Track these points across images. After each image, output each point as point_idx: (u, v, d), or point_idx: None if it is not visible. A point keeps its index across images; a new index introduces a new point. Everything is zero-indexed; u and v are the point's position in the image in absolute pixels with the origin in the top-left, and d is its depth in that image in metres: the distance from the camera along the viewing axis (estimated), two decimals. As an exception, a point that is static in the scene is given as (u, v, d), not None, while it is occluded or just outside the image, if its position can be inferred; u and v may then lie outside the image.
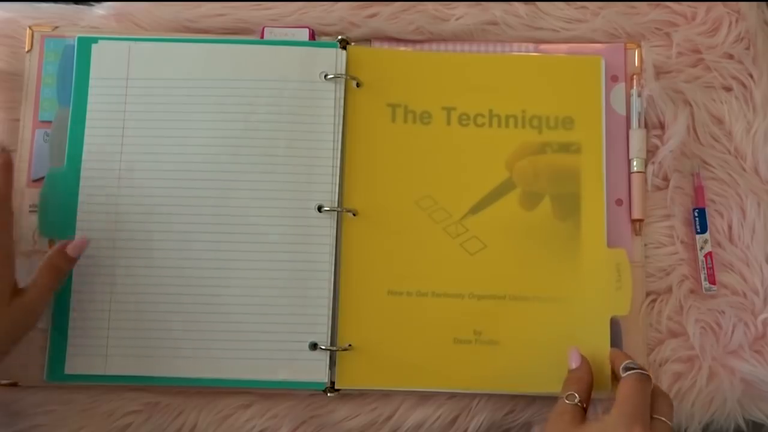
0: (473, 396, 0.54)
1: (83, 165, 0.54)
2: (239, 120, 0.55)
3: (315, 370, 0.53)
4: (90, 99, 0.55)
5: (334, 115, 0.55)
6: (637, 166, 0.56)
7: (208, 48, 0.56)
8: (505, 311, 0.54)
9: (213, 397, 0.54)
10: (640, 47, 0.58)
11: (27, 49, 0.57)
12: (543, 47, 0.58)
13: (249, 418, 0.53)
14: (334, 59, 0.55)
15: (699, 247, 0.55)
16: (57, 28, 0.57)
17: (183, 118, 0.55)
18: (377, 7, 0.58)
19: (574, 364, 0.51)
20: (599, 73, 0.57)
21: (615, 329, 0.54)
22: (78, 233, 0.53)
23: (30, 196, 0.55)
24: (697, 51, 0.58)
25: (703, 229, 0.55)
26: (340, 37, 0.56)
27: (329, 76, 0.55)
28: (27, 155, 0.55)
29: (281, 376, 0.52)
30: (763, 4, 0.59)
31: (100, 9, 0.58)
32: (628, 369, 0.47)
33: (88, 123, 0.55)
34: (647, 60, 0.57)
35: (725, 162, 0.57)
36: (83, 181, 0.54)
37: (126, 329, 0.53)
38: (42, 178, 0.55)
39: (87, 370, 0.52)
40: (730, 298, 0.55)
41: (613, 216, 0.55)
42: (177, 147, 0.54)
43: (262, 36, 0.57)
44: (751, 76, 0.57)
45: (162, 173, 0.54)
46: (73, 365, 0.52)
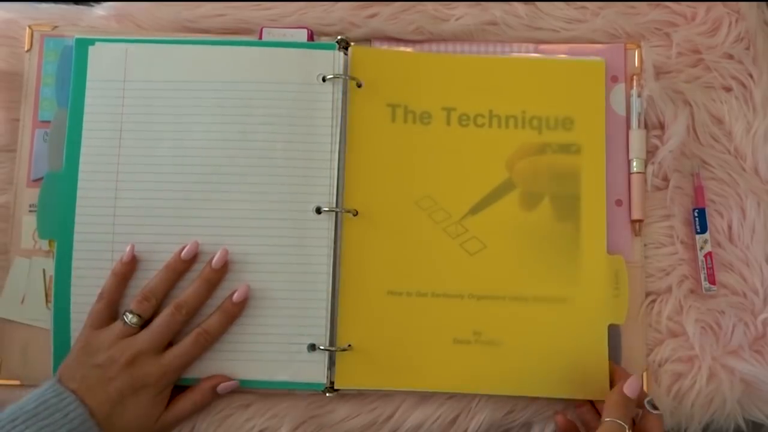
0: (473, 396, 0.54)
1: (81, 167, 0.54)
2: (237, 122, 0.55)
3: (313, 371, 0.53)
4: (87, 101, 0.55)
5: (332, 117, 0.55)
6: (637, 166, 0.56)
7: (205, 50, 0.56)
8: (505, 312, 0.54)
9: (213, 397, 0.54)
10: (640, 47, 0.58)
11: (26, 49, 0.57)
12: (543, 47, 0.58)
13: (249, 417, 0.53)
14: (332, 61, 0.55)
15: (699, 247, 0.55)
16: (56, 27, 0.57)
17: (180, 120, 0.55)
18: (377, 7, 0.58)
19: (632, 393, 0.48)
20: (600, 75, 0.57)
21: (614, 330, 0.54)
22: (76, 234, 0.53)
23: (30, 196, 0.55)
24: (697, 51, 0.58)
25: (703, 229, 0.55)
26: (339, 38, 0.56)
27: (327, 77, 0.55)
28: (27, 155, 0.56)
29: (280, 377, 0.53)
30: (763, 4, 0.59)
31: (100, 9, 0.58)
32: (653, 407, 0.49)
33: (85, 125, 0.55)
34: (647, 60, 0.57)
35: (725, 162, 0.57)
36: (81, 183, 0.54)
37: (126, 329, 0.53)
38: (42, 178, 0.55)
39: (88, 370, 0.52)
40: (730, 298, 0.55)
41: (613, 216, 0.55)
42: (174, 149, 0.54)
43: (260, 36, 0.57)
44: (751, 76, 0.57)
45: (159, 175, 0.54)
46: (75, 365, 0.52)
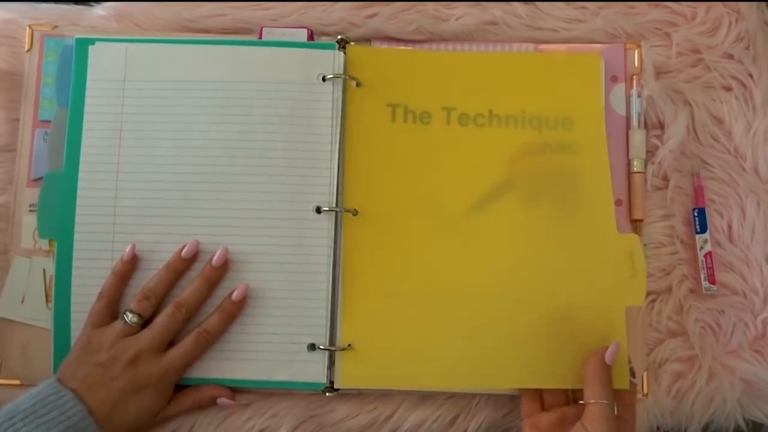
0: (473, 396, 0.54)
1: (81, 166, 0.54)
2: (236, 122, 0.55)
3: (313, 370, 0.53)
4: (87, 101, 0.55)
5: (332, 117, 0.55)
6: (637, 166, 0.56)
7: (205, 50, 0.56)
8: (506, 311, 0.53)
9: (213, 397, 0.54)
10: (640, 47, 0.58)
11: (27, 49, 0.57)
12: (543, 47, 0.58)
13: (249, 417, 0.53)
14: (331, 61, 0.55)
15: (699, 247, 0.55)
16: (56, 27, 0.57)
17: (180, 120, 0.55)
18: (377, 7, 0.58)
19: (610, 359, 0.50)
20: (599, 73, 0.57)
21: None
22: (77, 234, 0.53)
23: (30, 195, 0.55)
24: (697, 51, 0.58)
25: (703, 229, 0.55)
26: (339, 38, 0.56)
27: (327, 77, 0.55)
28: (27, 155, 0.56)
29: (280, 376, 0.53)
30: (763, 4, 0.59)
31: (100, 9, 0.58)
32: (632, 374, 0.51)
33: (85, 125, 0.55)
34: (647, 60, 0.57)
35: (725, 162, 0.57)
36: (81, 183, 0.54)
37: (126, 329, 0.53)
38: (42, 177, 0.55)
39: (88, 369, 0.52)
40: (730, 298, 0.55)
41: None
42: (174, 149, 0.54)
43: (260, 36, 0.57)
44: (751, 76, 0.57)
45: (160, 174, 0.54)
46: (75, 365, 0.52)
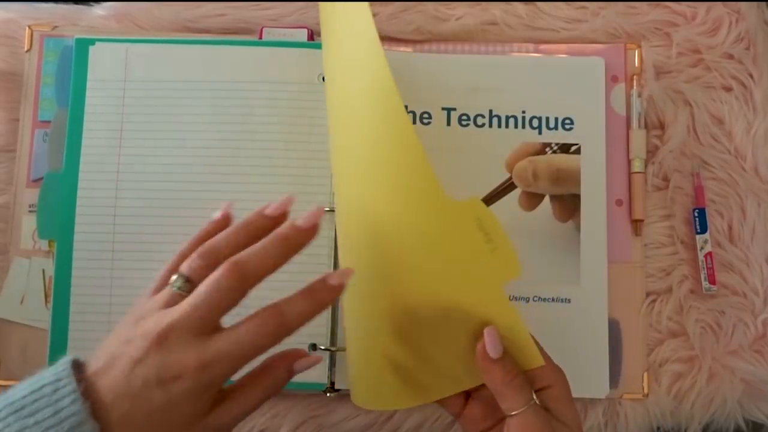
0: (473, 396, 0.54)
1: (81, 167, 0.54)
2: (237, 122, 0.55)
3: (314, 371, 0.52)
4: (88, 101, 0.55)
5: (332, 116, 0.55)
6: (637, 166, 0.55)
7: (205, 50, 0.56)
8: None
9: (213, 398, 0.53)
10: (640, 47, 0.58)
11: (26, 49, 0.57)
12: (543, 47, 0.58)
13: (249, 417, 0.53)
14: (332, 60, 0.55)
15: (699, 247, 0.55)
16: (56, 27, 0.57)
17: (181, 120, 0.55)
18: (377, 7, 0.58)
19: (497, 352, 0.39)
20: (600, 75, 0.57)
21: (614, 330, 0.54)
22: (77, 235, 0.53)
23: (29, 196, 0.55)
24: (697, 51, 0.58)
25: (703, 229, 0.55)
26: (339, 38, 0.57)
27: (328, 77, 0.55)
28: (27, 155, 0.56)
29: (281, 376, 0.52)
30: (763, 4, 0.59)
31: (100, 9, 0.58)
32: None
33: (86, 125, 0.55)
34: (647, 60, 0.57)
35: (725, 162, 0.57)
36: (82, 183, 0.54)
37: (126, 330, 0.52)
38: (41, 178, 0.55)
39: (87, 370, 0.52)
40: (730, 298, 0.55)
41: (613, 216, 0.55)
42: (175, 149, 0.54)
43: (260, 36, 0.57)
44: (751, 76, 0.57)
45: (160, 175, 0.54)
46: (73, 365, 0.52)
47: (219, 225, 0.39)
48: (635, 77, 0.57)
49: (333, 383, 0.53)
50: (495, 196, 0.55)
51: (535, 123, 0.56)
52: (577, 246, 0.54)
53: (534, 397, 0.39)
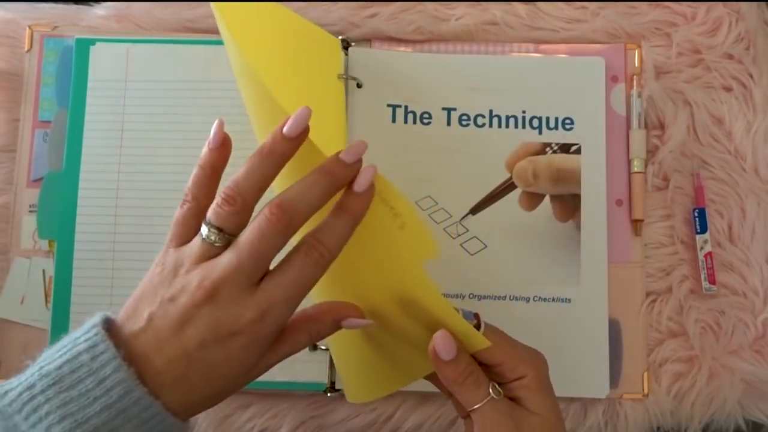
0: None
1: (82, 167, 0.54)
2: (237, 122, 0.54)
3: (315, 371, 0.53)
4: (89, 101, 0.55)
5: (333, 116, 0.55)
6: (637, 166, 0.56)
7: (206, 50, 0.56)
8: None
9: (213, 398, 0.53)
10: (640, 47, 0.58)
11: (26, 49, 0.57)
12: (543, 47, 0.58)
13: (249, 418, 0.53)
14: (333, 60, 0.55)
15: (699, 247, 0.55)
16: (56, 27, 0.57)
17: (181, 120, 0.55)
18: (377, 7, 0.58)
19: (450, 353, 0.37)
20: (600, 75, 0.57)
21: (614, 330, 0.54)
22: (78, 235, 0.53)
23: (30, 196, 0.55)
24: (697, 51, 0.58)
25: (703, 229, 0.55)
26: (340, 38, 0.56)
27: (329, 76, 0.55)
28: (27, 155, 0.56)
29: (281, 377, 0.52)
30: (763, 4, 0.59)
31: (100, 9, 0.58)
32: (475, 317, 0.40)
33: (86, 125, 0.55)
34: (647, 60, 0.57)
35: (725, 162, 0.57)
36: (82, 183, 0.54)
37: (126, 330, 0.52)
38: (42, 178, 0.55)
39: (87, 370, 0.52)
40: (730, 298, 0.55)
41: (613, 216, 0.55)
42: (175, 149, 0.54)
43: (261, 36, 0.57)
44: (751, 76, 0.57)
45: (161, 175, 0.54)
46: (74, 365, 0.52)
47: (221, 153, 0.37)
48: (635, 77, 0.57)
49: (333, 383, 0.53)
50: (495, 196, 0.55)
51: (535, 123, 0.56)
52: (577, 246, 0.54)
53: (492, 391, 0.38)
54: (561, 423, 0.39)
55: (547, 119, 0.56)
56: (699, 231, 0.55)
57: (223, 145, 0.37)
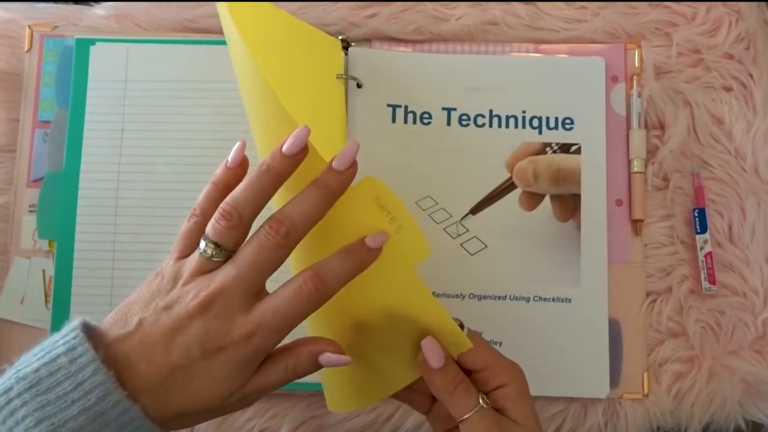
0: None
1: (82, 167, 0.54)
2: (237, 122, 0.55)
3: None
4: (89, 101, 0.55)
5: (333, 116, 0.55)
6: (637, 166, 0.56)
7: (206, 50, 0.56)
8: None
9: (213, 398, 0.53)
10: (640, 47, 0.58)
11: (26, 49, 0.57)
12: (543, 47, 0.58)
13: (249, 418, 0.53)
14: (333, 60, 0.55)
15: (699, 247, 0.55)
16: (56, 27, 0.57)
17: (182, 120, 0.55)
18: (377, 7, 0.58)
19: (438, 363, 0.38)
20: (600, 75, 0.57)
21: (614, 330, 0.54)
22: (77, 235, 0.53)
23: (30, 196, 0.55)
24: (697, 51, 0.58)
25: (703, 229, 0.55)
26: (340, 38, 0.56)
27: (329, 76, 0.55)
28: (27, 155, 0.56)
29: (281, 376, 0.52)
30: (763, 4, 0.59)
31: (100, 9, 0.58)
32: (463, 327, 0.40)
33: (87, 125, 0.55)
34: (647, 60, 0.57)
35: (725, 162, 0.57)
36: (83, 183, 0.54)
37: (126, 330, 0.52)
38: (41, 178, 0.55)
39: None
40: (730, 298, 0.55)
41: (613, 216, 0.55)
42: (176, 149, 0.54)
43: (261, 36, 0.57)
44: (751, 76, 0.57)
45: (161, 175, 0.54)
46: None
47: (237, 173, 0.37)
48: (635, 77, 0.57)
49: (333, 383, 0.53)
50: (495, 196, 0.55)
51: (536, 123, 0.56)
52: (577, 246, 0.54)
53: (481, 401, 0.38)
54: None
55: (547, 119, 0.56)
56: (699, 231, 0.55)
57: (241, 165, 0.37)
